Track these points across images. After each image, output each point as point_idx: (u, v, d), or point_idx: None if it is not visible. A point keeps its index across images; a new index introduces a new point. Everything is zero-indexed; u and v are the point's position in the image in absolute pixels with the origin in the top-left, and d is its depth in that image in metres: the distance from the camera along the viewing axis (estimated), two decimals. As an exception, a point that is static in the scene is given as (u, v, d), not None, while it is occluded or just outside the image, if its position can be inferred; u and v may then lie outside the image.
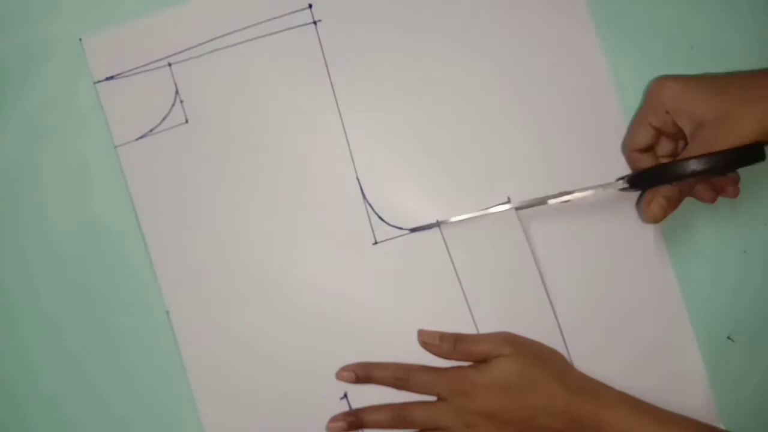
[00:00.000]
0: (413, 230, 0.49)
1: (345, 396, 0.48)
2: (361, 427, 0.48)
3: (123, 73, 0.49)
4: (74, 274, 0.49)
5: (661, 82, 0.47)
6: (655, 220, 0.46)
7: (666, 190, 0.45)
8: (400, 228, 0.49)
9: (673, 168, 0.44)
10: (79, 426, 0.49)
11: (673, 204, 0.46)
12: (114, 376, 0.49)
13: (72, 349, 0.49)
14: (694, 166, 0.43)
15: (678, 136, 0.47)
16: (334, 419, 0.48)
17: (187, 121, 0.49)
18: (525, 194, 0.49)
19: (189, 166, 0.49)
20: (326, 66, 0.49)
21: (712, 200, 0.47)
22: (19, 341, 0.49)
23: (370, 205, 0.49)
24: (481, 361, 0.47)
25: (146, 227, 0.49)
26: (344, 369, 0.48)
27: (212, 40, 0.49)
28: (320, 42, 0.49)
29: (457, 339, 0.48)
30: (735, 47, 0.50)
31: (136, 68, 0.49)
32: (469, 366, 0.47)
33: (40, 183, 0.49)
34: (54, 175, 0.49)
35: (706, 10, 0.50)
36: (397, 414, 0.47)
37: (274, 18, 0.49)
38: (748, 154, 0.43)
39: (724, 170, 0.45)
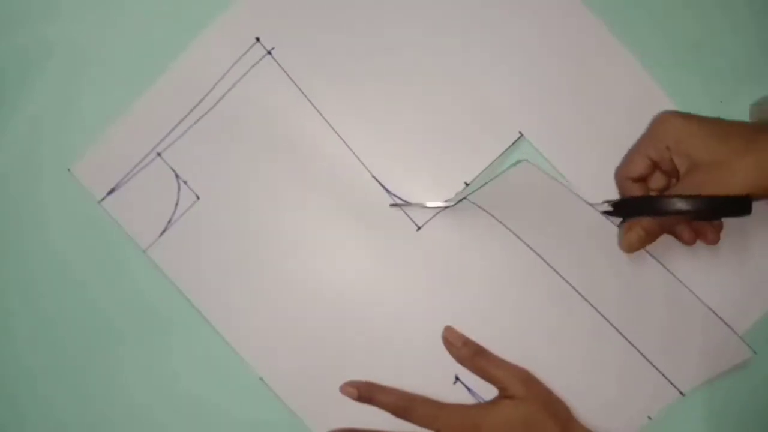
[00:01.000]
0: (447, 205, 0.48)
1: (457, 379, 0.49)
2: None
3: (120, 181, 0.49)
4: (73, 275, 0.50)
5: (667, 117, 0.46)
6: (630, 249, 0.45)
7: (646, 221, 0.45)
8: (435, 207, 0.49)
9: (659, 202, 0.44)
10: (76, 427, 0.50)
11: (651, 237, 0.45)
12: (114, 377, 0.50)
13: (71, 350, 0.50)
14: (680, 204, 0.43)
15: (672, 173, 0.46)
16: (351, 384, 0.48)
17: (198, 198, 0.49)
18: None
19: (219, 236, 0.49)
20: (297, 87, 0.49)
21: (692, 242, 0.46)
22: (17, 342, 0.50)
23: (397, 197, 0.49)
24: (492, 382, 0.47)
25: (204, 308, 0.49)
26: (349, 384, 0.48)
27: (188, 114, 0.49)
28: (282, 67, 0.49)
29: (479, 351, 0.48)
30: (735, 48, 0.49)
31: (129, 171, 0.49)
32: (474, 405, 0.48)
33: (40, 183, 0.50)
34: (54, 175, 0.50)
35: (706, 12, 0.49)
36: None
37: (234, 65, 0.49)
38: (735, 204, 0.42)
39: (708, 216, 0.45)
